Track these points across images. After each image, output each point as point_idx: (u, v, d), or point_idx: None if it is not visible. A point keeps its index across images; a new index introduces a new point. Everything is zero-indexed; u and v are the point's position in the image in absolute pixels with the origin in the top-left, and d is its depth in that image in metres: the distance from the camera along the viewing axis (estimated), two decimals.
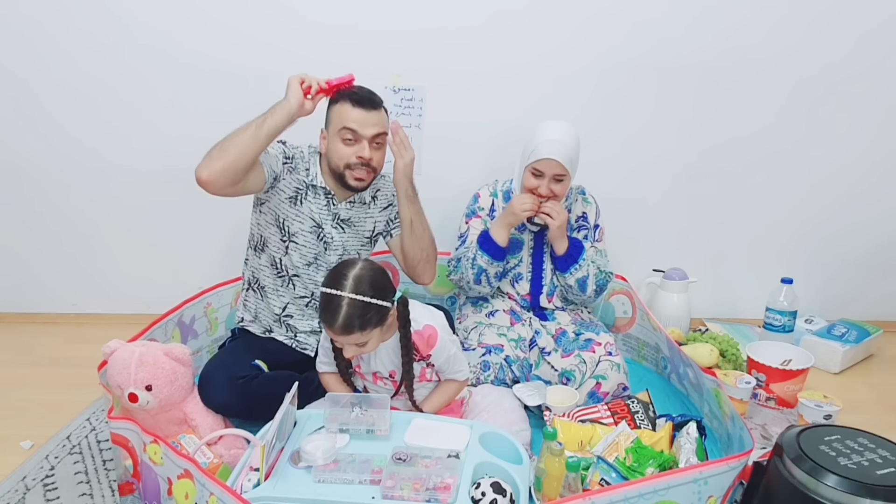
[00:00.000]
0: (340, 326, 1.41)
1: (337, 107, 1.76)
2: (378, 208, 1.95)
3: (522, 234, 2.06)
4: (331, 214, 1.86)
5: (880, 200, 2.49)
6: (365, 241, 1.96)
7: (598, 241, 2.11)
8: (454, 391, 1.66)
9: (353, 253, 1.93)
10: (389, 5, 2.22)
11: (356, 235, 1.92)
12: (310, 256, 1.86)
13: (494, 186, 2.11)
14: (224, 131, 2.30)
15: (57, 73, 2.25)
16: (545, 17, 2.25)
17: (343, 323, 1.40)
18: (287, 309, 1.89)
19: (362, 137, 1.74)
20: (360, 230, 1.93)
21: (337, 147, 1.76)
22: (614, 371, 1.88)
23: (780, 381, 1.91)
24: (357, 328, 1.41)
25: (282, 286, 1.88)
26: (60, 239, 2.45)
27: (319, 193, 1.84)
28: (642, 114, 2.37)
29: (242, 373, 1.67)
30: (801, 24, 2.27)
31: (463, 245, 2.07)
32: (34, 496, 1.52)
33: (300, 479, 1.31)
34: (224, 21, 2.21)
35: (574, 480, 1.39)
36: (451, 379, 1.64)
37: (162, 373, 1.54)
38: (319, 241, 1.86)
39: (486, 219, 2.07)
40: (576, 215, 2.09)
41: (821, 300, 2.54)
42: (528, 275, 2.09)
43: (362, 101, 1.75)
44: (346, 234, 1.89)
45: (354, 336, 1.43)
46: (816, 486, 1.25)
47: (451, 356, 1.59)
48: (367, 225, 1.94)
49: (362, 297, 1.41)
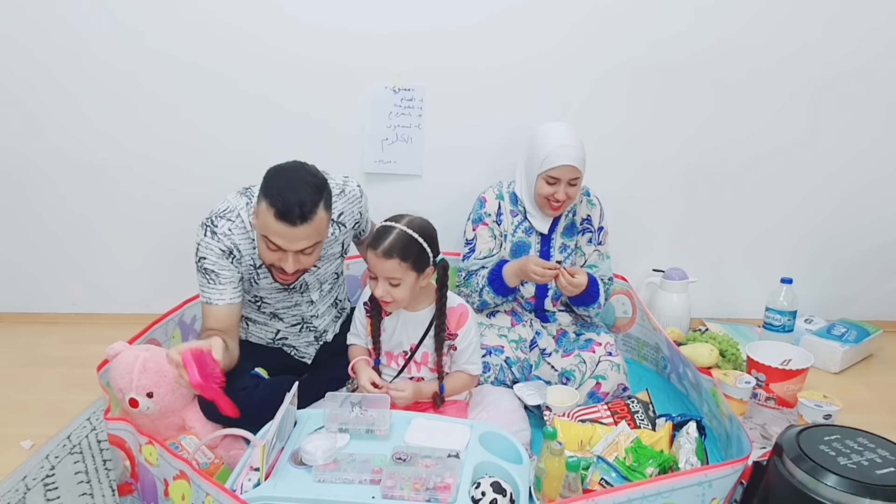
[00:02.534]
0: (384, 249, 1.51)
1: (263, 205, 1.48)
2: (346, 229, 1.80)
3: (530, 238, 2.04)
4: None
5: (880, 200, 2.49)
6: (338, 262, 1.87)
7: (602, 243, 2.09)
8: (462, 383, 1.69)
9: (331, 279, 1.86)
10: (390, 6, 2.22)
11: (329, 264, 1.81)
12: (290, 305, 1.79)
13: (500, 188, 2.08)
14: (223, 133, 2.33)
15: (56, 74, 2.25)
16: (545, 18, 2.25)
17: (388, 246, 1.51)
18: (280, 334, 1.85)
19: (288, 251, 1.52)
20: (331, 257, 1.80)
21: (261, 247, 1.57)
22: (614, 371, 1.88)
23: (780, 380, 1.91)
24: (398, 255, 1.51)
25: (270, 320, 1.82)
26: (61, 239, 2.45)
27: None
28: (643, 114, 2.37)
29: (243, 384, 1.62)
30: (802, 25, 2.27)
31: (472, 253, 2.03)
32: (34, 496, 1.52)
33: (300, 478, 1.31)
34: (224, 23, 2.21)
35: (574, 480, 1.39)
36: (462, 370, 1.67)
37: (164, 381, 1.52)
38: (292, 293, 1.76)
39: (493, 225, 2.03)
40: (581, 217, 2.07)
41: (820, 300, 2.55)
42: None
43: (287, 215, 1.46)
44: (319, 270, 1.78)
45: (393, 262, 1.51)
46: (816, 486, 1.25)
47: (472, 342, 1.67)
48: (335, 249, 1.81)
49: (412, 233, 1.53)
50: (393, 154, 2.36)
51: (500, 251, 2.03)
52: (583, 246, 2.07)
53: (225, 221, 1.61)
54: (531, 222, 2.03)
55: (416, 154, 2.37)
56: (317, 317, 1.85)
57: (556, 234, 2.04)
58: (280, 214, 1.46)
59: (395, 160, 2.37)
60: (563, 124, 1.96)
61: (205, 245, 1.60)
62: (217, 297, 1.62)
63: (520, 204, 2.04)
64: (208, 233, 1.60)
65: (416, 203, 2.30)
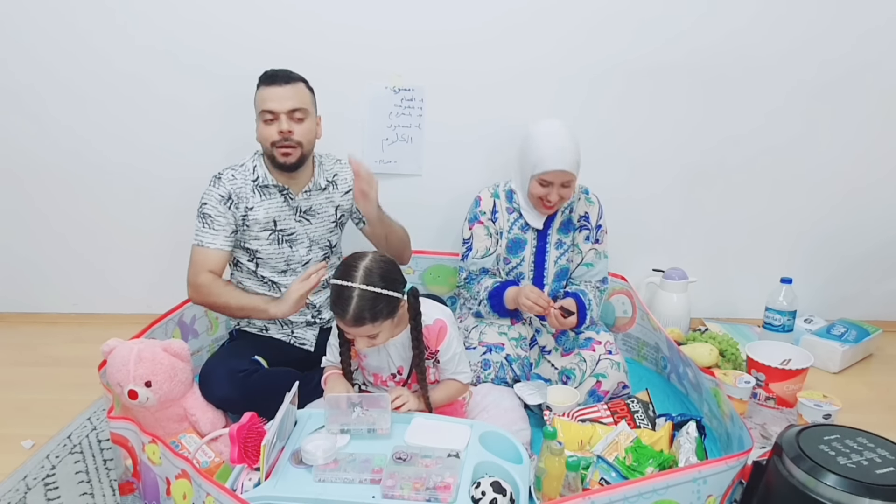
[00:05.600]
0: (352, 318, 1.42)
1: (257, 93, 1.81)
2: (339, 193, 1.95)
3: (526, 234, 2.04)
4: (291, 209, 1.87)
5: (879, 200, 2.49)
6: (332, 227, 1.96)
7: (599, 241, 2.09)
8: (455, 390, 1.66)
9: (322, 242, 1.94)
10: (390, 6, 2.22)
11: (322, 223, 1.92)
12: (281, 265, 1.89)
13: (495, 187, 2.08)
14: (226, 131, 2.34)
15: (61, 73, 2.25)
16: (544, 18, 2.25)
17: (354, 314, 1.41)
18: None
19: (279, 113, 1.76)
20: (325, 217, 1.93)
21: (261, 129, 1.80)
22: (614, 369, 1.89)
23: (780, 380, 1.92)
24: (368, 320, 1.42)
25: (267, 292, 1.90)
26: (62, 239, 2.45)
27: (273, 192, 1.85)
28: (641, 113, 2.37)
29: (243, 367, 1.70)
30: (800, 24, 2.27)
31: (469, 252, 2.03)
32: (35, 495, 1.52)
33: (301, 478, 1.32)
34: (227, 21, 2.21)
35: (574, 480, 1.39)
36: (453, 379, 1.64)
37: (161, 368, 1.54)
38: (281, 245, 1.88)
39: (489, 223, 2.03)
40: (578, 214, 2.07)
41: (820, 300, 2.55)
42: (531, 273, 2.06)
43: (275, 78, 1.78)
44: (311, 226, 1.90)
45: (366, 328, 1.44)
46: (816, 486, 1.25)
47: (456, 353, 1.60)
48: (329, 210, 1.94)
49: (373, 288, 1.42)
50: (393, 154, 2.36)
51: (496, 249, 2.03)
52: (580, 243, 2.07)
53: (229, 170, 1.85)
54: (526, 219, 2.03)
55: (416, 154, 2.37)
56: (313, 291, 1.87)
57: (552, 231, 2.04)
58: (268, 79, 1.79)
59: (395, 160, 2.37)
60: (557, 123, 1.94)
61: (208, 193, 1.82)
62: (209, 241, 1.80)
63: (515, 201, 2.04)
64: (213, 181, 1.83)
65: (416, 203, 2.32)
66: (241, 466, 1.34)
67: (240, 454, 1.31)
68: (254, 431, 1.34)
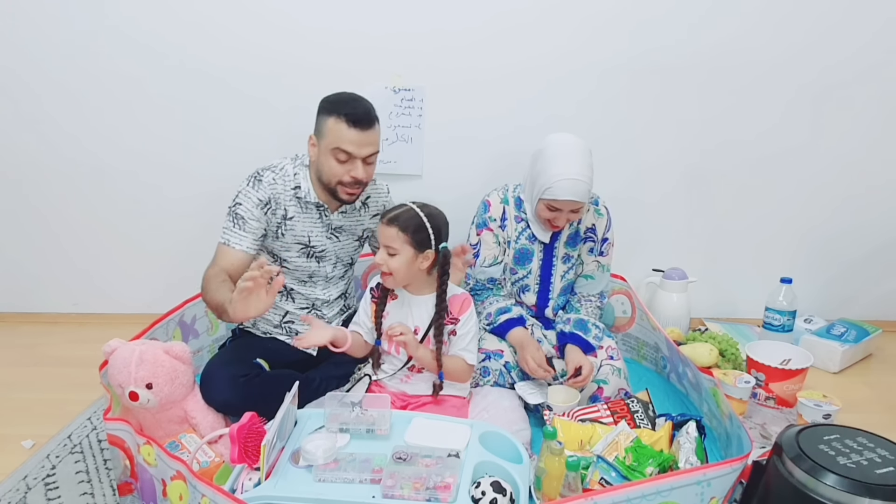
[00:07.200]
0: (390, 217, 1.61)
1: (331, 122, 1.68)
2: (369, 215, 1.94)
3: (533, 245, 1.99)
4: (324, 226, 1.85)
5: (880, 201, 2.49)
6: (356, 245, 1.97)
7: (604, 254, 2.03)
8: (460, 367, 1.70)
9: (346, 259, 1.95)
10: (390, 6, 2.22)
11: (349, 241, 1.93)
12: (304, 276, 1.88)
13: (505, 192, 1.99)
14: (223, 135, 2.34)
15: (58, 75, 2.26)
16: (546, 18, 2.25)
17: (393, 216, 1.61)
18: (287, 316, 1.90)
19: (356, 158, 1.69)
20: (352, 235, 1.93)
21: (329, 163, 1.71)
22: (615, 376, 1.88)
23: (780, 380, 1.92)
24: (399, 224, 1.60)
25: (280, 301, 1.89)
26: (61, 239, 2.46)
27: (311, 208, 1.81)
28: (643, 114, 2.37)
29: (244, 371, 1.68)
30: (803, 27, 2.27)
31: (476, 258, 1.98)
32: (35, 495, 1.52)
33: (301, 478, 1.32)
34: (223, 24, 2.21)
35: (574, 480, 1.39)
36: (461, 356, 1.70)
37: (162, 370, 1.54)
38: (310, 259, 1.86)
39: (498, 230, 1.97)
40: (585, 227, 2.00)
41: (820, 300, 2.55)
42: (536, 286, 2.02)
43: (359, 121, 1.67)
44: (339, 243, 1.90)
45: (392, 230, 1.59)
46: (816, 486, 1.25)
47: (472, 330, 1.71)
48: (358, 231, 1.94)
49: (420, 212, 1.62)
50: (393, 154, 2.36)
51: (504, 258, 2.00)
52: (583, 255, 2.03)
53: (270, 173, 1.77)
54: (533, 231, 1.98)
55: (416, 154, 2.37)
56: (327, 303, 1.92)
57: (559, 244, 1.99)
58: (353, 121, 1.66)
59: (395, 160, 2.37)
60: (572, 143, 1.83)
61: (245, 193, 1.75)
62: (237, 241, 1.73)
63: (523, 209, 1.98)
64: (252, 182, 1.75)
65: None
66: (242, 466, 1.34)
67: (240, 454, 1.31)
68: (254, 431, 1.34)
